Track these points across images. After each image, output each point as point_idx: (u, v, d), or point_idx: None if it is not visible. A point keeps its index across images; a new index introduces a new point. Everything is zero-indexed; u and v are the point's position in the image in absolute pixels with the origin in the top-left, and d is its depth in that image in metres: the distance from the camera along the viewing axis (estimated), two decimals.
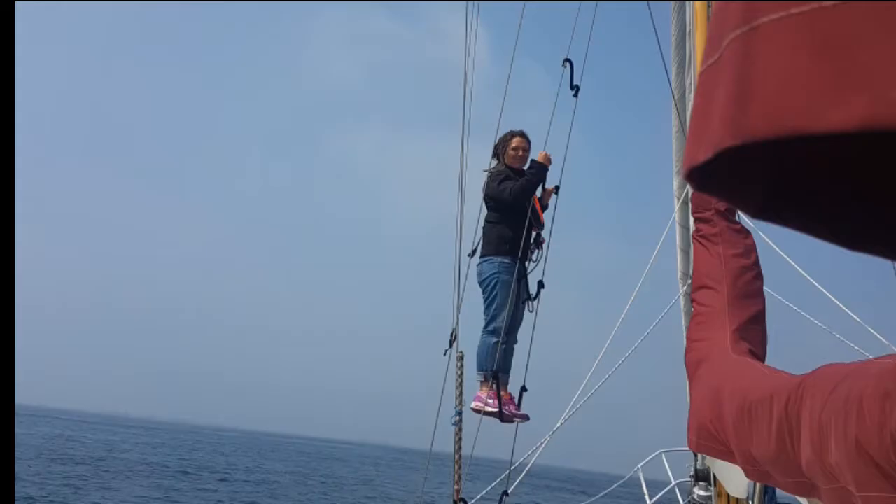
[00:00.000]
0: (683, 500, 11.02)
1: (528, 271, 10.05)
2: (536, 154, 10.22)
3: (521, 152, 10.28)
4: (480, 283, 9.89)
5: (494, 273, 9.74)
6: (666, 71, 9.20)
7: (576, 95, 9.69)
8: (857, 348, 11.44)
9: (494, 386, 9.58)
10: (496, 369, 9.60)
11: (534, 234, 10.05)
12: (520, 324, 10.11)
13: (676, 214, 9.14)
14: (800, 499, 3.88)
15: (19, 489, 36.61)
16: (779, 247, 10.96)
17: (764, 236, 9.06)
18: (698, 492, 8.78)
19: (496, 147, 10.37)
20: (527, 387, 9.96)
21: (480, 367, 9.79)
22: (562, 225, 10.27)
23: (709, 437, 4.15)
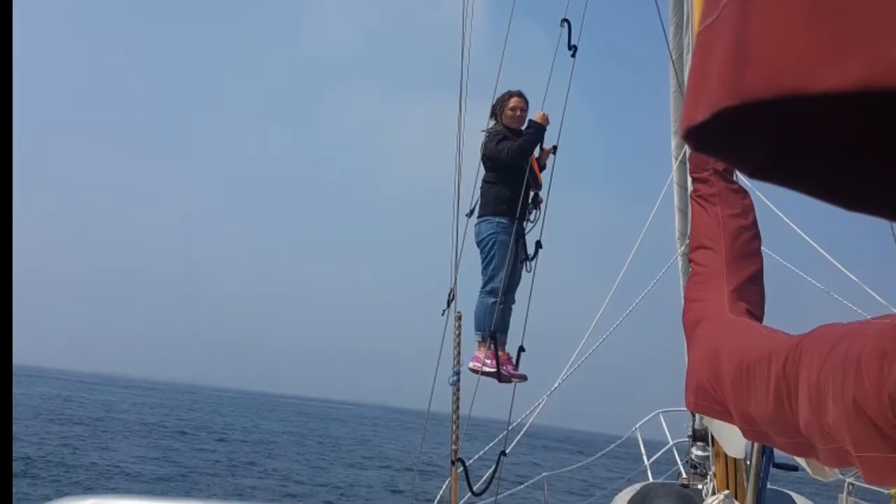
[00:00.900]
0: (681, 460, 11.05)
1: (526, 231, 10.04)
2: (534, 114, 10.20)
3: (518, 112, 10.26)
4: (478, 244, 9.88)
5: (492, 233, 9.74)
6: (664, 31, 9.16)
7: (573, 56, 9.67)
8: (854, 308, 11.45)
9: (492, 346, 9.60)
10: (494, 329, 9.61)
11: (531, 194, 10.03)
12: (518, 284, 10.12)
13: (674, 175, 9.11)
14: (798, 459, 3.89)
15: (17, 449, 36.64)
16: (777, 207, 10.96)
17: (762, 196, 9.06)
18: (696, 452, 8.80)
19: (494, 107, 10.34)
20: (525, 347, 9.98)
21: (478, 328, 9.80)
22: (559, 185, 10.27)
23: (706, 397, 4.16)
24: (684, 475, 8.94)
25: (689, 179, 5.99)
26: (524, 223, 9.98)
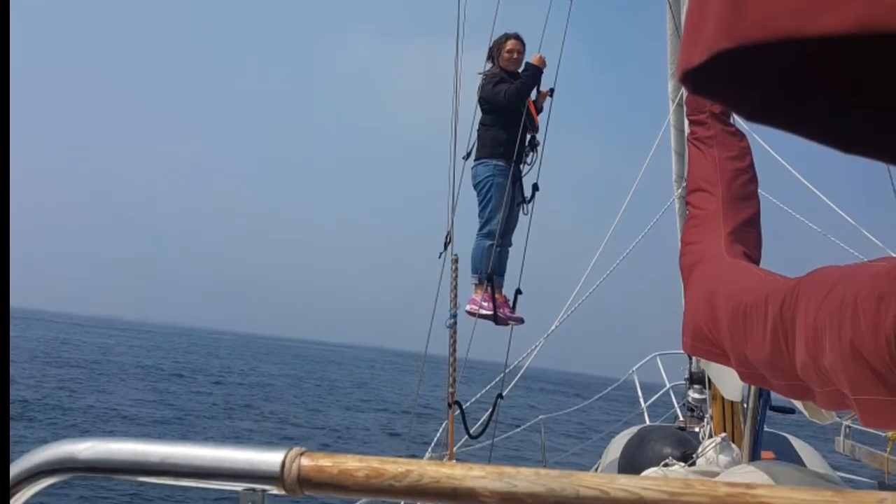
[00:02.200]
0: (678, 403, 11.08)
1: (523, 174, 10.04)
2: (531, 57, 10.17)
3: (515, 55, 10.23)
4: (475, 186, 9.88)
5: (489, 176, 9.73)
6: None
7: None
8: (851, 251, 11.44)
9: (489, 289, 9.61)
10: (491, 272, 9.62)
11: (528, 136, 10.02)
12: (514, 226, 10.12)
13: (671, 117, 9.09)
14: (794, 401, 3.90)
15: (14, 392, 36.77)
16: (773, 150, 10.93)
17: (759, 139, 9.03)
18: (693, 394, 8.82)
19: (491, 50, 10.31)
20: (521, 289, 10.00)
21: (475, 270, 9.82)
22: (556, 128, 10.28)
23: (703, 339, 4.16)
24: (681, 418, 8.96)
25: (686, 122, 5.98)
26: (521, 166, 9.97)
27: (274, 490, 1.52)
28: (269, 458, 1.51)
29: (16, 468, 1.53)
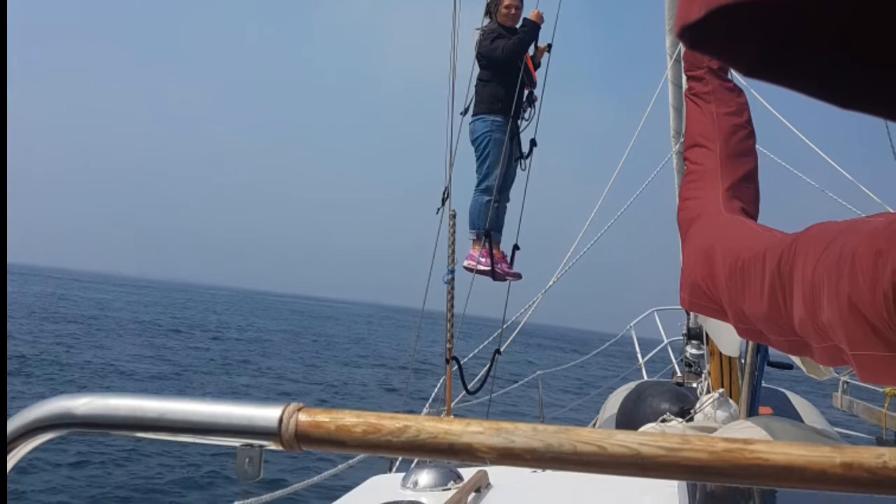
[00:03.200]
0: (676, 359, 11.11)
1: (521, 129, 10.04)
2: (529, 12, 10.14)
3: (513, 10, 10.19)
4: (473, 142, 9.87)
5: (487, 131, 9.72)
6: None
7: None
8: (849, 207, 11.45)
9: (487, 244, 9.62)
10: (488, 228, 9.63)
11: (526, 92, 10.01)
12: (512, 182, 10.12)
13: (669, 73, 9.06)
14: (792, 357, 3.91)
15: (12, 348, 36.86)
16: (772, 105, 10.91)
17: (757, 95, 9.02)
18: (690, 350, 8.83)
19: (489, 5, 10.27)
20: (519, 245, 10.01)
21: (473, 226, 9.82)
22: (554, 84, 10.25)
23: (701, 295, 4.16)
24: (679, 373, 8.98)
25: (684, 78, 5.97)
26: (519, 121, 9.96)
27: (271, 446, 1.52)
28: (267, 414, 1.51)
29: (13, 424, 1.53)
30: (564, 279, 12.08)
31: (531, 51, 10.06)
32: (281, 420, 1.50)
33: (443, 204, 9.19)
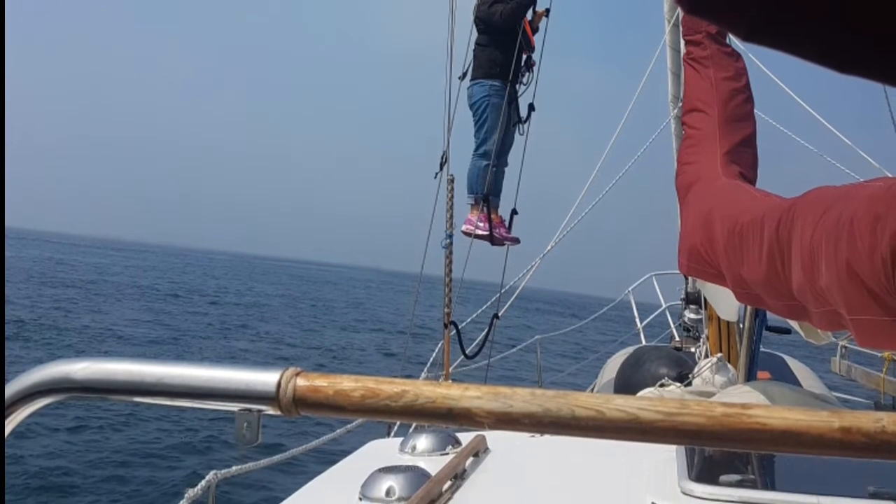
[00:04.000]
0: (674, 323, 11.13)
1: (519, 94, 10.01)
2: None
3: None
4: (471, 106, 9.85)
5: (485, 96, 9.70)
6: None
7: None
8: (848, 171, 11.45)
9: (485, 209, 9.61)
10: (487, 192, 9.61)
11: (524, 56, 9.98)
12: (510, 147, 10.10)
13: (667, 37, 9.05)
14: (791, 322, 3.91)
15: (9, 312, 36.87)
16: (770, 70, 10.90)
17: (755, 59, 9.00)
18: (689, 315, 8.86)
19: None
20: (517, 210, 10.00)
21: (471, 191, 9.81)
22: (552, 48, 10.21)
23: (700, 259, 4.17)
24: (677, 338, 9.01)
25: (683, 42, 5.96)
26: (517, 86, 9.93)
27: (270, 410, 1.52)
28: (265, 379, 1.51)
29: (11, 388, 1.53)
30: (563, 244, 12.10)
31: (529, 15, 10.03)
32: (279, 385, 1.50)
33: (441, 168, 9.18)
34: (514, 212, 10.00)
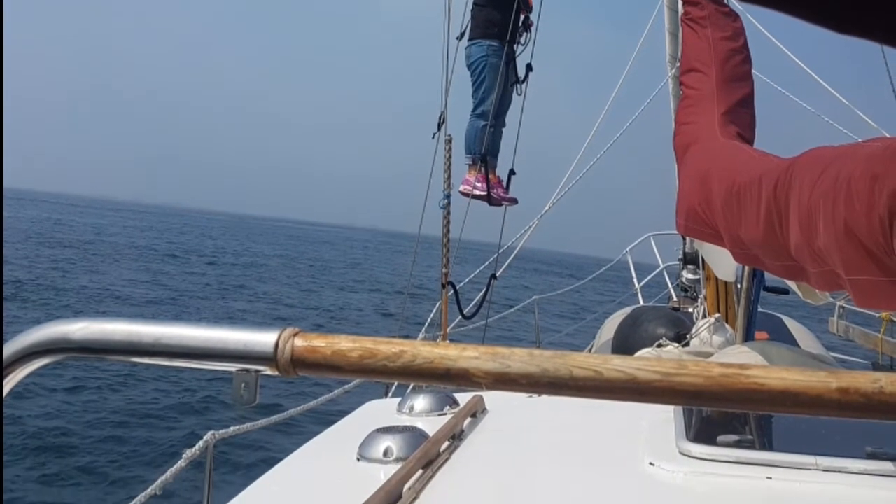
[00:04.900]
0: (672, 284, 11.15)
1: (517, 54, 9.98)
2: None
3: None
4: (469, 67, 9.82)
5: (483, 56, 9.68)
6: None
7: None
8: (845, 131, 11.45)
9: (483, 169, 9.60)
10: (484, 152, 9.60)
11: (522, 17, 9.95)
12: (508, 107, 10.08)
13: None
14: (788, 282, 3.92)
15: (7, 273, 36.89)
16: (768, 30, 10.89)
17: (752, 19, 8.99)
18: (687, 275, 8.87)
19: None
20: (515, 170, 9.99)
21: (469, 151, 9.80)
22: (550, 8, 10.18)
23: (697, 220, 4.17)
24: (675, 298, 9.03)
25: (680, 2, 5.95)
26: (515, 46, 9.91)
27: (267, 371, 1.52)
28: (263, 339, 1.51)
29: (9, 349, 1.53)
30: (560, 204, 12.11)
31: None
32: (277, 345, 1.50)
33: (439, 129, 9.16)
34: (511, 172, 9.98)
